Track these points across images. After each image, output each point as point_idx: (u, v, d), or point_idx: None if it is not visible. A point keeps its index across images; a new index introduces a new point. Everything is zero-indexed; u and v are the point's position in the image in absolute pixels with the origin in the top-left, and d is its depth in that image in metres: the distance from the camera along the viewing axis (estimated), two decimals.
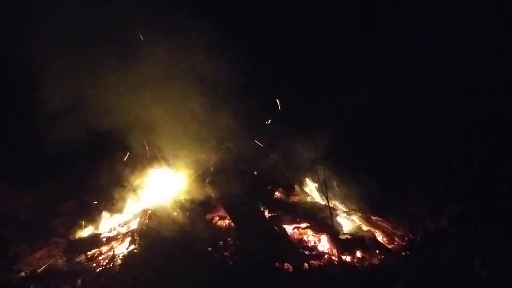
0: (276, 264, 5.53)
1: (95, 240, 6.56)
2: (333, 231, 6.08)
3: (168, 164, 7.98)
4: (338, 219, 6.85)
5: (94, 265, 5.90)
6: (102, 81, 7.34)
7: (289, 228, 6.49)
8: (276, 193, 7.60)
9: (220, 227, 6.56)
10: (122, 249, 6.20)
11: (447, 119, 9.69)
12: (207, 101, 7.87)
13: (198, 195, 6.97)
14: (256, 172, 7.85)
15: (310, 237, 6.40)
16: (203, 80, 8.05)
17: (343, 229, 6.61)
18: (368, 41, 10.68)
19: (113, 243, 6.47)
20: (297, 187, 7.66)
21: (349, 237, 6.34)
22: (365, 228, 6.86)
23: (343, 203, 7.46)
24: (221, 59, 8.04)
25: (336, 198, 7.47)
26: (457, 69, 9.62)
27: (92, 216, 7.31)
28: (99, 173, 7.99)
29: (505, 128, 8.83)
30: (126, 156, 7.87)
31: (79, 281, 5.34)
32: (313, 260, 5.77)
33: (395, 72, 9.64)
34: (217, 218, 6.76)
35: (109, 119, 7.34)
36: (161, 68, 7.79)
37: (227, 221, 6.68)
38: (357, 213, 7.28)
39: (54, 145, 7.12)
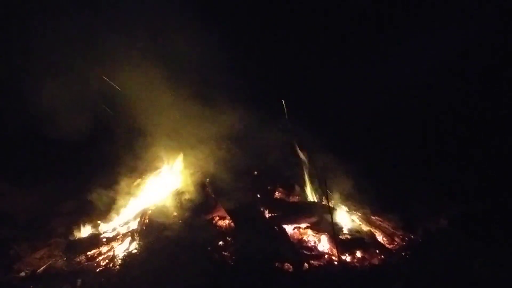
0: (276, 264, 5.53)
1: (95, 240, 6.56)
2: (333, 231, 6.07)
3: (168, 164, 7.98)
4: (338, 219, 6.85)
5: (94, 265, 5.90)
6: (101, 82, 7.36)
7: (289, 228, 6.48)
8: (276, 193, 7.60)
9: (220, 227, 6.56)
10: (122, 249, 6.21)
11: (447, 119, 9.70)
12: (207, 101, 7.88)
13: (198, 195, 6.97)
14: (256, 172, 7.85)
15: (310, 237, 6.39)
16: (203, 80, 8.06)
17: (343, 229, 6.61)
18: (370, 41, 10.68)
19: (113, 243, 6.47)
20: (297, 187, 7.66)
21: (349, 237, 6.33)
22: (365, 228, 6.86)
23: (343, 203, 7.46)
24: (221, 59, 8.05)
25: (336, 198, 7.47)
26: (457, 69, 9.63)
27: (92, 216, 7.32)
28: (99, 173, 7.99)
29: (505, 128, 8.83)
30: (126, 156, 7.87)
31: (79, 281, 5.34)
32: (313, 260, 5.76)
33: (395, 71, 9.64)
34: (217, 218, 6.75)
35: (109, 119, 7.35)
36: (162, 68, 7.80)
37: (227, 221, 6.67)
38: (357, 213, 7.28)
39: (54, 145, 7.14)
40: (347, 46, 10.68)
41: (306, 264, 5.62)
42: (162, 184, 7.81)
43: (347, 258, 5.96)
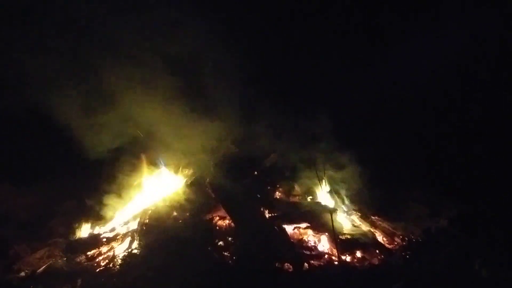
0: (276, 264, 5.53)
1: (95, 240, 6.56)
2: (333, 231, 6.08)
3: (168, 164, 7.99)
4: (338, 219, 6.86)
5: (94, 265, 5.90)
6: (100, 83, 7.36)
7: (289, 228, 6.49)
8: (276, 193, 7.60)
9: (220, 227, 6.56)
10: (122, 249, 6.21)
11: (447, 119, 9.70)
12: (207, 102, 7.88)
13: (198, 195, 6.96)
14: (256, 172, 7.86)
15: (310, 237, 6.40)
16: (203, 80, 8.06)
17: (343, 229, 6.62)
18: (371, 40, 10.69)
19: (113, 243, 6.48)
20: (297, 187, 7.67)
21: (349, 237, 6.33)
22: (365, 228, 6.87)
23: (343, 203, 7.47)
24: (220, 60, 8.05)
25: (336, 198, 7.48)
26: (457, 69, 9.63)
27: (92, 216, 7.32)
28: (99, 173, 7.99)
29: (504, 128, 8.83)
30: (126, 156, 7.87)
31: (79, 281, 5.34)
32: (313, 260, 5.77)
33: (395, 73, 9.64)
34: (217, 218, 6.76)
35: (109, 119, 7.35)
36: (161, 69, 7.80)
37: (227, 221, 6.68)
38: (357, 213, 7.29)
39: (54, 144, 7.15)
40: (347, 48, 10.67)
41: (306, 264, 5.62)
42: (162, 184, 7.81)
43: (347, 258, 5.96)
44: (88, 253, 6.23)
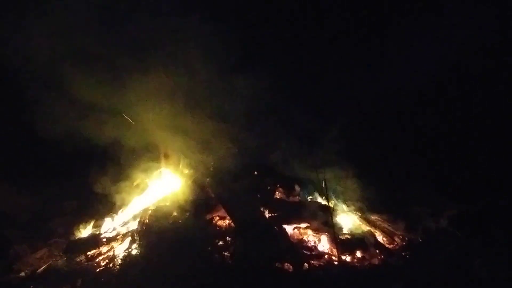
0: (276, 264, 5.53)
1: (95, 240, 6.56)
2: (333, 231, 6.08)
3: (168, 164, 7.99)
4: (338, 219, 6.86)
5: (94, 265, 5.90)
6: (102, 82, 7.35)
7: (289, 228, 6.49)
8: (276, 193, 7.60)
9: (220, 227, 6.56)
10: (122, 249, 6.21)
11: (447, 119, 9.70)
12: (207, 102, 7.88)
13: (198, 195, 6.96)
14: (256, 172, 7.85)
15: (310, 237, 6.40)
16: (203, 80, 8.06)
17: (343, 229, 6.61)
18: (370, 42, 10.68)
19: (113, 243, 6.48)
20: (297, 187, 7.67)
21: (349, 237, 6.34)
22: (365, 228, 6.87)
23: (343, 203, 7.47)
24: (220, 60, 8.05)
25: (336, 198, 7.48)
26: (457, 69, 9.63)
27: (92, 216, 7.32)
28: (99, 173, 7.98)
29: (504, 128, 8.83)
30: (126, 156, 7.86)
31: (79, 281, 5.35)
32: (313, 260, 5.77)
33: (395, 72, 9.64)
34: (217, 218, 6.76)
35: (110, 120, 7.35)
36: (162, 69, 7.80)
37: (227, 221, 6.67)
38: (357, 213, 7.29)
39: (56, 145, 7.16)
40: (347, 48, 10.67)
41: (306, 264, 5.63)
42: (162, 184, 7.81)
43: (347, 258, 5.96)
44: (88, 253, 6.23)
